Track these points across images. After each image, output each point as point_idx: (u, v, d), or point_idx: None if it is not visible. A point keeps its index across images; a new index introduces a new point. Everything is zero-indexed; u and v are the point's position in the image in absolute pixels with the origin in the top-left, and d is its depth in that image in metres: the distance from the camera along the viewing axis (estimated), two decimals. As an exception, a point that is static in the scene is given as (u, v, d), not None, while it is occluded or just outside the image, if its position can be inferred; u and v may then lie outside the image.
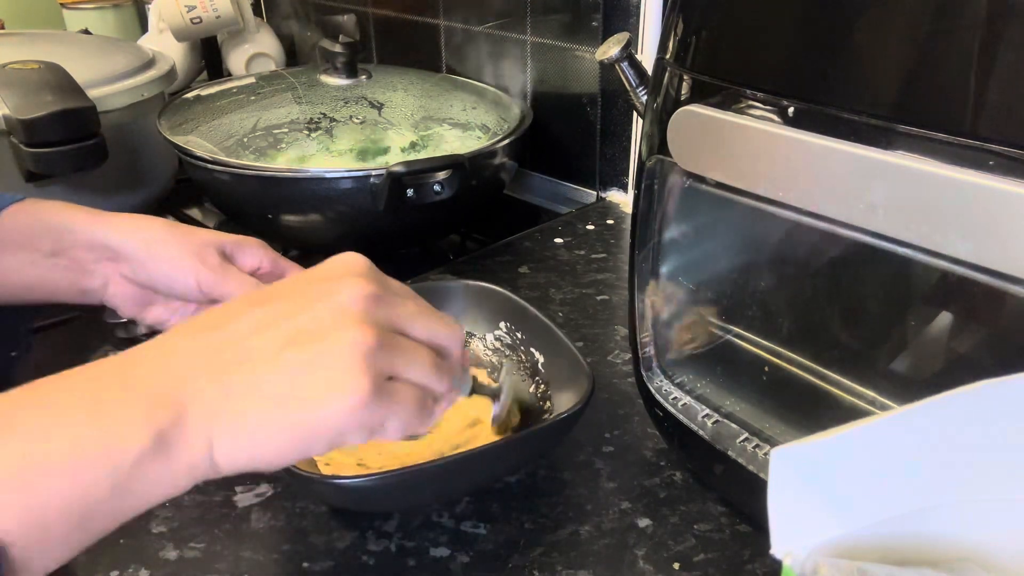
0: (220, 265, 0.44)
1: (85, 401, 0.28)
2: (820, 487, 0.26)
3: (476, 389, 0.42)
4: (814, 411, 0.44)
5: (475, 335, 0.56)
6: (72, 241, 0.45)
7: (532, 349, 0.53)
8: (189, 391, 0.29)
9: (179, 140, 0.73)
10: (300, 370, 0.30)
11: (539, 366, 0.53)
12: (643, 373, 0.48)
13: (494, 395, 0.48)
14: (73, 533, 0.27)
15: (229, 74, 1.19)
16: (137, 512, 0.28)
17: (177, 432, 0.28)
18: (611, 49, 0.49)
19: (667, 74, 0.40)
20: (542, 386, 0.52)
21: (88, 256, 0.45)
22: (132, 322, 0.57)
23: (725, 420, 0.45)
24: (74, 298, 0.46)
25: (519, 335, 0.54)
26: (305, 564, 0.42)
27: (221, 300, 0.44)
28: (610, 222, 0.83)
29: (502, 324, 0.55)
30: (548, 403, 0.50)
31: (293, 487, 0.47)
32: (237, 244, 0.46)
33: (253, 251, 0.47)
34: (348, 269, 0.34)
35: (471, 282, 0.57)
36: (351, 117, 0.81)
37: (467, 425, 0.49)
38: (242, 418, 0.29)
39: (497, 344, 0.56)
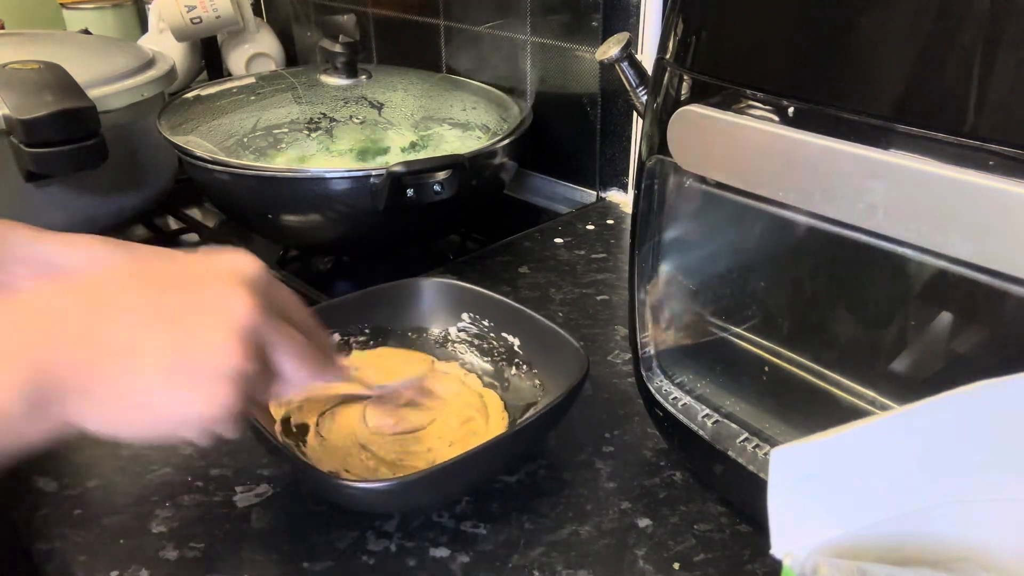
0: None
1: None
2: (820, 487, 0.26)
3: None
4: (814, 411, 0.44)
5: (437, 330, 0.57)
6: (11, 256, 0.44)
7: (504, 334, 0.54)
8: (62, 368, 0.32)
9: (179, 140, 0.73)
10: (168, 380, 0.33)
11: (515, 348, 0.53)
12: (643, 373, 0.48)
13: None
14: None
15: (229, 74, 1.19)
16: None
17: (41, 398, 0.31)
18: (611, 49, 0.49)
19: (667, 74, 0.40)
20: (524, 366, 0.52)
21: (25, 272, 0.44)
22: None
23: (725, 420, 0.45)
24: None
25: (485, 323, 0.55)
26: (305, 564, 0.42)
27: None
28: (610, 222, 0.83)
29: (464, 316, 0.56)
30: (537, 381, 0.51)
31: (293, 486, 0.47)
32: None
33: None
34: (241, 277, 0.35)
35: (423, 279, 0.57)
36: (351, 117, 0.81)
37: (462, 422, 0.49)
38: (103, 408, 0.33)
39: (463, 335, 0.56)
